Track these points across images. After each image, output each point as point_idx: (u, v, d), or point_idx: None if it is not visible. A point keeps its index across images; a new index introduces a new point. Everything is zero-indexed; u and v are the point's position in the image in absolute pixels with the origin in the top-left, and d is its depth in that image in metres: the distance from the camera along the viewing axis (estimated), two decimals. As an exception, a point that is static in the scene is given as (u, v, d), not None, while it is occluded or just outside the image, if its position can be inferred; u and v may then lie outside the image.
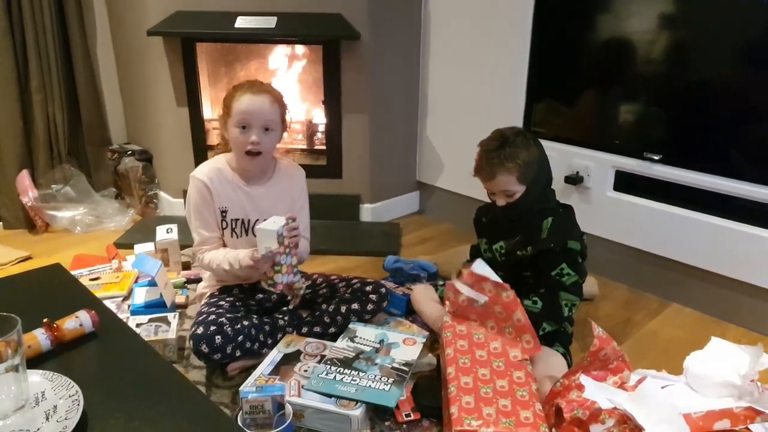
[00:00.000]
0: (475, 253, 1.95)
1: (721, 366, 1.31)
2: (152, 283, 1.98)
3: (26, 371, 0.89)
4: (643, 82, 2.07)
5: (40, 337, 1.01)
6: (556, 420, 1.39)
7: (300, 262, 1.77)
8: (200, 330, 1.59)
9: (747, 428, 1.21)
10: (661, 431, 1.13)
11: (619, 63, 2.10)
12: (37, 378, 0.92)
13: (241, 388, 1.45)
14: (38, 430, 0.83)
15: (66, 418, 0.84)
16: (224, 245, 1.78)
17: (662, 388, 1.34)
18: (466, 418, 1.31)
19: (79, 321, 1.07)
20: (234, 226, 1.77)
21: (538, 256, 1.69)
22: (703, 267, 2.01)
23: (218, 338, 1.58)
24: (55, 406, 0.87)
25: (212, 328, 1.59)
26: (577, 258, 1.68)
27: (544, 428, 1.30)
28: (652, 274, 2.16)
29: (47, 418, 0.85)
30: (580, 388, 1.37)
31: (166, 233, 2.24)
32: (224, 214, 1.76)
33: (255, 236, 1.66)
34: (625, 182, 2.15)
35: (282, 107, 1.72)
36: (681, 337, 1.91)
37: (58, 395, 0.89)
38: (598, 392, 1.36)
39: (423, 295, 1.93)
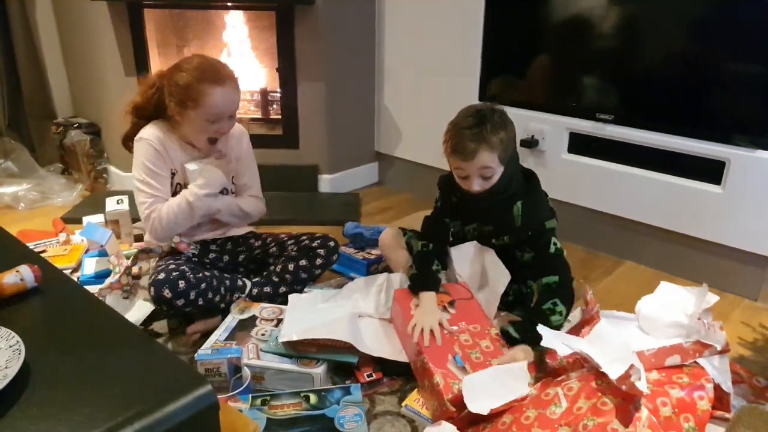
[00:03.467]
0: (430, 226, 1.79)
1: (670, 308, 1.36)
2: (102, 254, 1.92)
3: (-39, 322, 0.84)
4: (594, 46, 2.10)
5: (-24, 292, 0.96)
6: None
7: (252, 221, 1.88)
8: (162, 276, 1.56)
9: (696, 362, 1.25)
10: (617, 368, 1.15)
11: (572, 29, 2.12)
12: (-27, 329, 0.87)
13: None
14: (-24, 380, 0.79)
15: (6, 367, 0.80)
16: None
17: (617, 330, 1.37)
18: (453, 383, 1.32)
19: (20, 275, 1.01)
20: (178, 190, 1.74)
21: (518, 243, 1.63)
22: (654, 224, 2.06)
23: (181, 283, 1.56)
24: (-6, 357, 0.82)
25: (174, 273, 1.57)
26: (554, 233, 1.60)
27: None
28: (606, 234, 2.21)
29: (-15, 369, 0.81)
30: None
31: (116, 204, 2.17)
32: (173, 177, 1.73)
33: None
34: (579, 144, 2.18)
35: (239, 88, 1.69)
36: (635, 292, 1.91)
37: (-2, 346, 0.84)
38: (554, 339, 1.38)
39: (392, 241, 1.87)
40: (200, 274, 1.62)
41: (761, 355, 1.64)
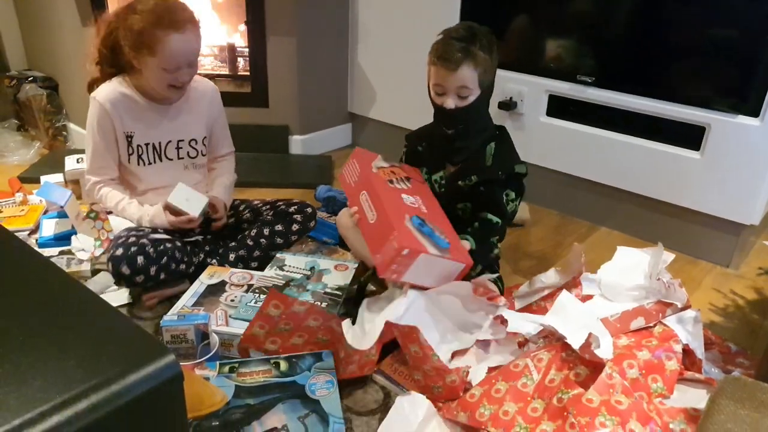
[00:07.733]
0: None
1: (629, 271, 1.35)
2: (62, 215, 1.82)
3: None
4: (575, 6, 2.04)
5: None
6: None
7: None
8: (120, 251, 1.48)
9: (661, 322, 1.25)
10: (579, 337, 1.14)
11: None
12: None
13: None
14: None
15: (-53, 337, 0.73)
16: (119, 181, 1.69)
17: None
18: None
19: (-36, 237, 0.93)
20: (141, 152, 1.64)
21: (480, 184, 1.57)
22: (631, 190, 2.05)
23: (140, 258, 1.49)
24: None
25: (133, 248, 1.49)
26: (522, 181, 1.59)
27: None
28: (582, 199, 2.19)
29: None
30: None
31: (76, 163, 2.06)
32: (130, 139, 1.63)
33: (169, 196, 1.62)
34: (558, 107, 2.14)
35: (200, 33, 1.58)
36: (609, 258, 1.91)
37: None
38: (521, 322, 1.35)
39: (349, 220, 1.68)
40: (161, 246, 1.54)
41: (731, 321, 1.65)
